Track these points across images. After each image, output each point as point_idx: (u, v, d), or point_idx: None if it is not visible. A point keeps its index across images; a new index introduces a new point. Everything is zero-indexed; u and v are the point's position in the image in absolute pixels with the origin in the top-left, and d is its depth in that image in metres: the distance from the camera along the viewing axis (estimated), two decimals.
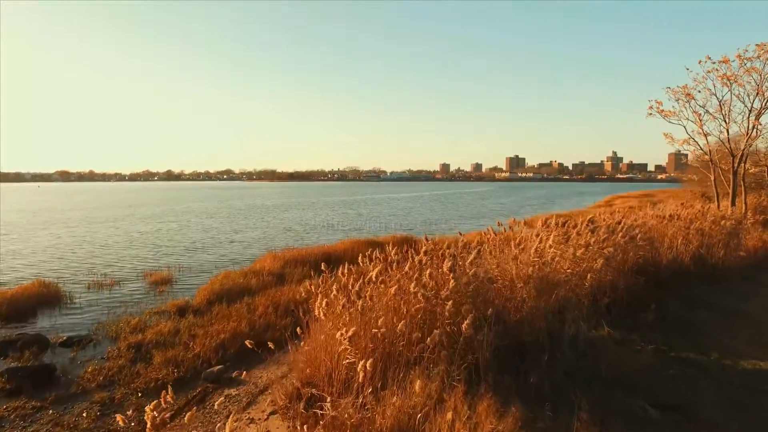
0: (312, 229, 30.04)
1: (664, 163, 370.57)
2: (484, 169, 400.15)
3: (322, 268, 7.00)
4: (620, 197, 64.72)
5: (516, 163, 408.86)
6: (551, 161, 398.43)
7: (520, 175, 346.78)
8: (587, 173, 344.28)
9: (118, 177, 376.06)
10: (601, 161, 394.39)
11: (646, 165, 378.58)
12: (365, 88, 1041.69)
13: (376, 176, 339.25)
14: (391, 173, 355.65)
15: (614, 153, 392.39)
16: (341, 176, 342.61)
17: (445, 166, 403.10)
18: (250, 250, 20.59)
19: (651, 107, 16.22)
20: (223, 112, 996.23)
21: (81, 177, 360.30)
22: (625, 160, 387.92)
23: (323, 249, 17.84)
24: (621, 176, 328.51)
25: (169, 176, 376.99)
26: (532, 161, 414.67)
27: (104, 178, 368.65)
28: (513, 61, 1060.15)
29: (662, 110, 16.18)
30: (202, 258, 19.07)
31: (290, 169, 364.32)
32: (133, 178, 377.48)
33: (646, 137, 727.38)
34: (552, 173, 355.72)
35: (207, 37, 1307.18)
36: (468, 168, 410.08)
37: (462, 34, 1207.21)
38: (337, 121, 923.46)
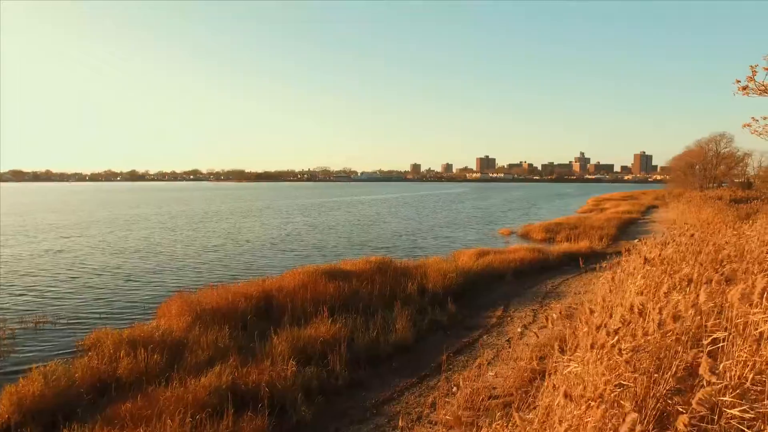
0: (254, 247, 23.91)
1: (629, 164, 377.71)
2: (454, 170, 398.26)
3: None
4: (605, 199, 61.22)
5: (486, 163, 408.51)
6: (521, 162, 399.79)
7: (491, 175, 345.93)
8: (557, 174, 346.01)
9: (78, 177, 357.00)
10: (570, 162, 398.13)
11: (612, 166, 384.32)
12: (335, 86, 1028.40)
13: (346, 177, 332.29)
14: (362, 173, 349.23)
15: (582, 154, 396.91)
16: (311, 176, 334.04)
17: (416, 167, 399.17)
18: (154, 289, 14.56)
19: (750, 78, 11.09)
20: (192, 110, 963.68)
21: (37, 177, 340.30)
22: (593, 161, 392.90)
23: (261, 286, 12.15)
24: (590, 177, 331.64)
25: (133, 176, 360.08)
26: (501, 161, 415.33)
27: (62, 178, 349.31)
28: (482, 58, 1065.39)
29: (754, 86, 11.10)
30: (80, 302, 13.02)
31: (259, 170, 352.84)
32: (94, 178, 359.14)
33: (611, 138, 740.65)
34: (522, 174, 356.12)
35: (171, 26, 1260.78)
36: (439, 168, 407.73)
37: (432, 32, 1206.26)
38: (308, 121, 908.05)
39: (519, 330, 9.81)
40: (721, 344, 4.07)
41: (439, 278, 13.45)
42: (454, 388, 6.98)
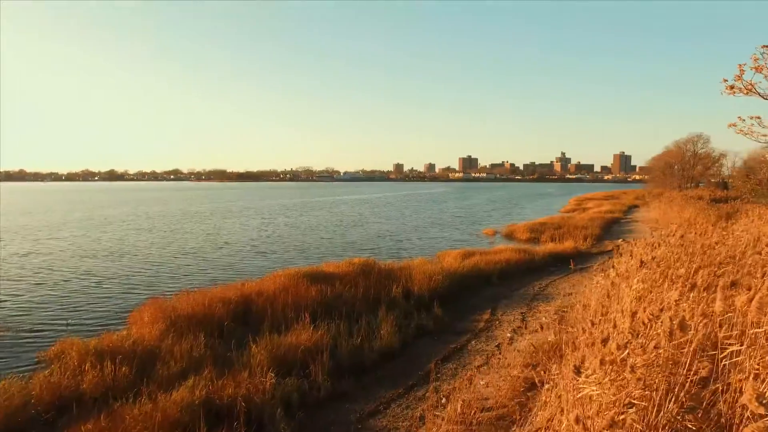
0: (234, 249, 23.22)
1: (609, 164, 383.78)
2: (437, 170, 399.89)
3: None
4: (586, 199, 61.72)
5: (469, 163, 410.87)
6: (503, 161, 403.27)
7: (473, 175, 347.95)
8: (538, 173, 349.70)
9: (54, 177, 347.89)
10: (551, 162, 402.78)
11: (592, 166, 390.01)
12: (320, 87, 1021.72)
13: (329, 176, 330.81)
14: (345, 173, 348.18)
15: (563, 154, 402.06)
16: (294, 176, 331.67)
17: (398, 167, 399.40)
18: (127, 294, 13.88)
19: (739, 77, 10.94)
20: (173, 109, 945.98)
21: (9, 176, 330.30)
22: (573, 161, 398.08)
23: (240, 291, 11.64)
24: (570, 177, 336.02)
25: (112, 176, 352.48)
26: (484, 161, 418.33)
27: (37, 177, 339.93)
28: (466, 61, 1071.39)
29: (741, 85, 10.95)
30: (45, 309, 12.27)
31: (241, 169, 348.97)
32: (71, 177, 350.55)
33: (591, 139, 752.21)
34: (504, 173, 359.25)
35: (154, 27, 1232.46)
36: (421, 168, 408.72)
37: (415, 35, 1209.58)
38: (291, 120, 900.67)
39: (508, 335, 9.48)
40: (735, 359, 3.78)
41: (425, 280, 13.07)
42: (444, 400, 6.59)
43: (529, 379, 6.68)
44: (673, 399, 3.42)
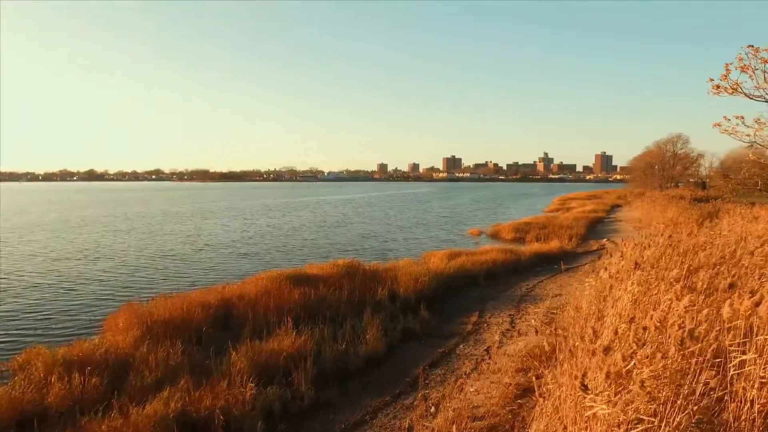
0: (214, 251, 22.68)
1: (591, 164, 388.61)
2: (421, 170, 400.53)
3: None
4: (570, 198, 62.12)
5: (453, 163, 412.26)
6: (486, 162, 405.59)
7: (457, 175, 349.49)
8: (521, 173, 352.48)
9: (30, 177, 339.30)
10: (534, 162, 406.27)
11: (575, 166, 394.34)
12: (305, 86, 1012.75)
13: (313, 176, 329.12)
14: (329, 173, 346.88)
15: (545, 154, 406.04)
16: (277, 176, 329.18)
17: (382, 166, 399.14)
18: (102, 300, 13.31)
19: (725, 77, 10.86)
20: (155, 110, 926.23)
21: None
22: (556, 161, 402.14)
23: (221, 294, 11.21)
24: (553, 176, 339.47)
25: (91, 176, 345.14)
26: (468, 162, 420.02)
27: (12, 177, 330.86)
28: (449, 60, 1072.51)
29: (727, 84, 10.87)
30: (13, 317, 11.68)
31: (224, 169, 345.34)
32: (48, 177, 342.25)
33: (573, 139, 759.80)
34: (488, 173, 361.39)
35: (154, 27, 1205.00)
36: (405, 168, 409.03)
37: (400, 34, 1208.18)
38: (274, 120, 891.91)
39: (497, 338, 9.24)
40: (742, 369, 3.59)
41: (411, 282, 12.79)
42: (433, 409, 6.31)
43: (521, 385, 6.44)
44: (680, 411, 3.21)
